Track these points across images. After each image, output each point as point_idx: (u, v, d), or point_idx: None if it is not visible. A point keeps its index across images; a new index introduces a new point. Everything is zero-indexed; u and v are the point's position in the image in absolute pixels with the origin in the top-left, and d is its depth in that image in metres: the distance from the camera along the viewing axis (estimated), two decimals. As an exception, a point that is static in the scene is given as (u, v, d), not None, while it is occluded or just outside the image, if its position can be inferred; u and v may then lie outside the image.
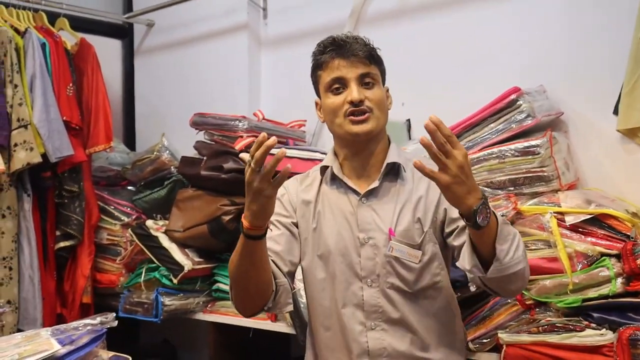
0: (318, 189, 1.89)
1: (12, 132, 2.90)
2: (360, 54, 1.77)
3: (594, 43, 2.40)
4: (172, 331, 3.65)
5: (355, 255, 1.79)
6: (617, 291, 1.94)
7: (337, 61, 1.78)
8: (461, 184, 1.46)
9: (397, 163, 1.83)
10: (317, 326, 1.88)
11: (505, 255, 1.54)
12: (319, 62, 1.83)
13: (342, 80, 1.77)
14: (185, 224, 2.92)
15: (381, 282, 1.78)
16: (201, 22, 3.58)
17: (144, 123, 3.97)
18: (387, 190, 1.82)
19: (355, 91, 1.75)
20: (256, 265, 1.65)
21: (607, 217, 2.02)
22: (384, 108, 1.81)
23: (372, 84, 1.79)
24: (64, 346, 1.70)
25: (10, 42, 2.96)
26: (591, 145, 2.40)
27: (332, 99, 1.80)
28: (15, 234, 2.96)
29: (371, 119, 1.77)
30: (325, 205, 1.86)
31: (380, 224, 1.78)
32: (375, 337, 1.78)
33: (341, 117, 1.77)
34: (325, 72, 1.81)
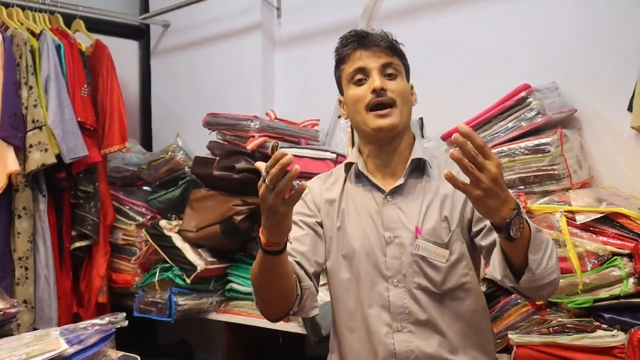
0: (342, 187, 1.84)
1: (27, 134, 2.93)
2: (382, 44, 1.74)
3: (607, 39, 2.36)
4: (189, 331, 3.67)
5: (381, 254, 1.74)
6: (629, 291, 1.91)
7: (359, 52, 1.75)
8: (494, 197, 1.38)
9: (423, 159, 1.78)
10: (342, 328, 1.82)
11: (538, 266, 1.47)
12: (342, 56, 1.80)
13: (364, 70, 1.74)
14: (198, 224, 2.93)
15: (408, 282, 1.72)
16: (215, 22, 3.59)
17: (160, 123, 3.99)
18: (413, 188, 1.76)
19: (378, 79, 1.71)
20: (277, 277, 1.62)
21: (619, 216, 1.98)
22: (407, 101, 1.77)
23: (395, 75, 1.75)
24: (72, 346, 1.71)
25: (25, 45, 2.99)
26: (605, 143, 2.37)
27: (354, 90, 1.76)
28: (31, 234, 2.99)
29: (394, 113, 1.72)
30: (349, 203, 1.81)
31: (406, 222, 1.73)
32: (402, 340, 1.71)
33: (364, 111, 1.73)
34: (347, 64, 1.77)
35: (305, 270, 1.75)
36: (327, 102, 3.14)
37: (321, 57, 3.26)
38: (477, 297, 1.78)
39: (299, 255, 1.75)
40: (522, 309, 2.11)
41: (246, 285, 2.90)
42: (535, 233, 1.47)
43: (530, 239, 1.45)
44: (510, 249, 1.48)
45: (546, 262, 1.48)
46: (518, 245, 1.45)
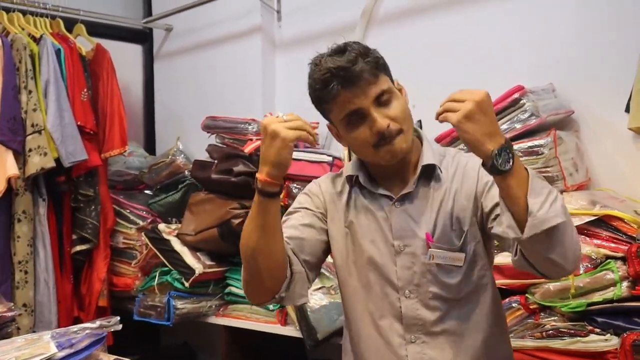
0: (349, 193, 1.74)
1: (27, 138, 2.94)
2: (366, 75, 1.54)
3: (605, 41, 2.34)
4: (191, 334, 3.67)
5: (391, 264, 1.64)
6: (622, 295, 1.88)
7: (345, 94, 1.55)
8: (478, 123, 1.32)
9: (433, 165, 1.65)
10: (354, 336, 1.75)
11: (540, 208, 1.34)
12: (323, 98, 1.60)
13: (359, 111, 1.56)
14: (196, 228, 2.93)
15: (421, 292, 1.62)
16: (216, 25, 3.60)
17: (163, 127, 4.00)
18: (423, 193, 1.65)
19: (379, 119, 1.54)
20: (269, 235, 1.52)
21: (612, 219, 1.96)
22: (409, 117, 1.62)
23: (389, 99, 1.58)
24: (62, 349, 1.70)
25: (25, 49, 3.00)
26: (603, 144, 2.34)
27: (355, 133, 1.59)
28: (31, 238, 3.00)
29: (401, 138, 1.57)
30: (357, 210, 1.70)
31: (417, 230, 1.62)
32: (416, 351, 1.63)
33: (369, 149, 1.59)
34: (336, 107, 1.58)
35: (297, 256, 1.66)
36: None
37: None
38: (496, 299, 1.69)
39: (292, 241, 1.66)
40: (515, 312, 2.08)
41: (245, 288, 2.89)
42: (533, 178, 1.38)
43: (529, 181, 1.36)
44: (507, 193, 1.37)
45: (549, 204, 1.35)
46: (514, 187, 1.36)
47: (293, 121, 1.46)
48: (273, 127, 1.44)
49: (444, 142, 2.32)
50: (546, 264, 1.42)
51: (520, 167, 1.37)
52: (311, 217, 1.73)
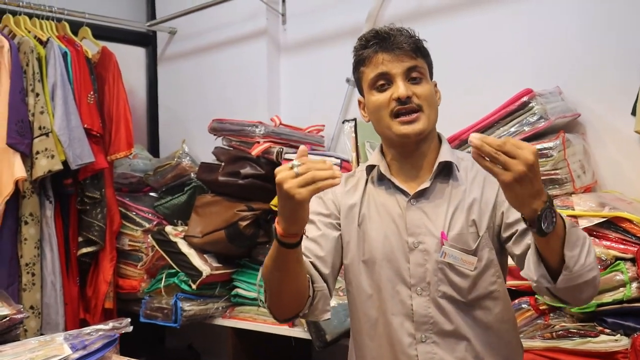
0: (364, 189, 1.74)
1: (34, 140, 2.95)
2: (406, 46, 1.62)
3: (611, 44, 2.37)
4: (197, 336, 3.68)
5: (404, 261, 1.64)
6: (632, 296, 1.91)
7: (381, 56, 1.63)
8: (527, 185, 1.29)
9: (450, 162, 1.67)
10: (362, 335, 1.73)
11: (576, 263, 1.38)
12: (361, 58, 1.68)
13: (387, 75, 1.63)
14: (203, 230, 2.94)
15: (432, 290, 1.62)
16: (221, 28, 3.61)
17: (167, 130, 4.01)
18: (439, 192, 1.66)
19: (402, 87, 1.60)
20: (290, 274, 1.55)
21: (622, 220, 1.98)
22: (434, 104, 1.67)
23: (420, 79, 1.64)
24: (76, 351, 1.71)
25: (32, 52, 3.01)
26: (609, 147, 2.37)
27: (376, 96, 1.65)
28: (38, 240, 3.01)
29: (421, 118, 1.62)
30: (371, 207, 1.71)
31: (432, 228, 1.63)
32: (426, 351, 1.62)
33: (387, 118, 1.63)
34: (369, 68, 1.66)
35: (320, 271, 1.67)
36: (333, 107, 3.16)
37: (326, 63, 3.31)
38: (506, 306, 1.68)
39: (314, 257, 1.68)
40: (525, 313, 2.10)
41: (252, 290, 2.91)
42: (570, 228, 1.39)
43: (566, 235, 1.37)
44: (545, 245, 1.39)
45: (584, 258, 1.39)
46: (552, 241, 1.37)
47: (306, 174, 1.35)
48: (286, 187, 1.36)
49: (452, 145, 2.33)
50: (567, 299, 1.48)
51: (559, 223, 1.36)
52: (326, 226, 1.73)
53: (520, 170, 1.27)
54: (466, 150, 2.30)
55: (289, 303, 1.63)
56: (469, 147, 2.28)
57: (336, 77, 3.15)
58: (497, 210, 1.63)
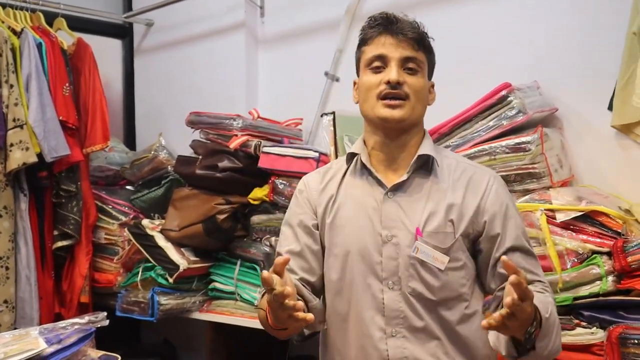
0: (341, 180, 1.75)
1: (8, 132, 2.90)
2: (409, 34, 1.64)
3: (588, 39, 2.37)
4: (172, 331, 3.65)
5: (377, 254, 1.64)
6: (608, 289, 1.92)
7: (384, 38, 1.64)
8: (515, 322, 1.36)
9: (430, 156, 1.68)
10: (333, 329, 1.74)
11: (544, 350, 1.47)
12: (365, 37, 1.69)
13: (384, 58, 1.64)
14: (180, 223, 2.92)
15: (403, 285, 1.62)
16: (199, 21, 3.58)
17: (143, 123, 3.97)
18: (418, 186, 1.66)
19: (395, 72, 1.61)
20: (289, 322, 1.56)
21: (598, 214, 2.00)
22: (422, 99, 1.68)
23: (416, 71, 1.65)
24: (51, 345, 1.70)
25: (5, 43, 2.96)
26: (586, 142, 2.38)
27: (368, 76, 1.66)
28: (12, 234, 2.97)
29: (405, 106, 1.63)
30: (347, 198, 1.71)
31: (407, 222, 1.63)
32: (396, 346, 1.62)
33: (374, 99, 1.64)
34: (369, 48, 1.67)
35: (310, 283, 1.70)
36: (311, 101, 3.14)
37: (305, 56, 3.30)
38: (475, 309, 1.67)
39: (301, 271, 1.71)
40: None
41: (229, 284, 2.89)
42: (545, 324, 1.45)
43: (540, 330, 1.44)
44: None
45: (552, 344, 1.49)
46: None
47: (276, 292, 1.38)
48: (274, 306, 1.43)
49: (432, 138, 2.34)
50: None
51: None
52: (307, 234, 1.75)
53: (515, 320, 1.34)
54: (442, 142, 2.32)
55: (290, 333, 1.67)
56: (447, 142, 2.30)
57: (315, 70, 3.14)
58: (480, 217, 1.65)
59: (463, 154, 2.22)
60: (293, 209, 1.79)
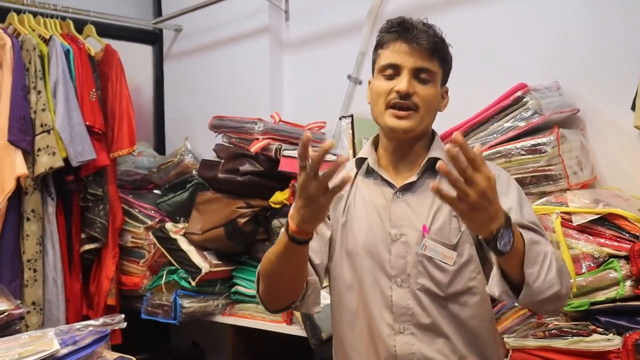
0: (353, 181, 1.76)
1: (36, 137, 2.96)
2: (424, 43, 1.63)
3: (611, 38, 2.32)
4: (201, 334, 3.68)
5: (386, 252, 1.67)
6: (625, 294, 1.87)
7: (399, 44, 1.64)
8: (482, 212, 1.32)
9: (439, 159, 1.66)
10: (343, 326, 1.76)
11: (536, 280, 1.42)
12: (382, 41, 1.70)
13: (397, 67, 1.65)
14: (203, 227, 2.94)
15: (411, 282, 1.64)
16: (224, 26, 3.61)
17: (173, 127, 4.02)
18: (426, 186, 1.67)
19: (405, 82, 1.62)
20: (294, 268, 1.60)
21: (616, 217, 1.94)
22: (432, 108, 1.69)
23: (428, 82, 1.66)
24: (66, 346, 1.72)
25: (34, 50, 3.03)
26: (609, 143, 2.32)
27: (380, 82, 1.68)
28: (40, 237, 3.02)
29: (413, 117, 1.64)
30: (357, 198, 1.74)
31: (414, 220, 1.65)
32: (404, 342, 1.64)
33: (382, 106, 1.66)
34: (384, 53, 1.68)
35: (312, 263, 1.70)
36: (335, 104, 3.14)
37: (328, 59, 3.29)
38: (484, 303, 1.69)
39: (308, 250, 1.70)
40: (519, 312, 2.07)
41: (251, 288, 2.89)
42: (530, 246, 1.42)
43: (525, 252, 1.41)
44: (505, 262, 1.43)
45: (544, 275, 1.43)
46: (512, 259, 1.41)
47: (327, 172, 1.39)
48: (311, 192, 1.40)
49: (445, 141, 2.30)
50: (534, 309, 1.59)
51: (518, 242, 1.40)
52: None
53: (474, 201, 1.30)
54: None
55: (286, 295, 1.67)
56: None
57: (339, 73, 3.14)
58: None
59: (479, 156, 2.19)
60: None
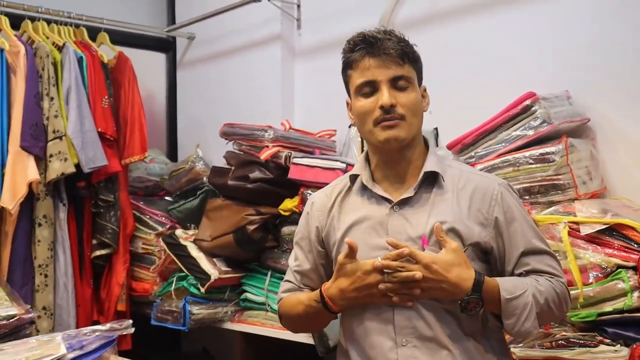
0: (346, 197, 1.76)
1: (48, 144, 2.99)
2: (393, 52, 1.62)
3: (622, 48, 2.32)
4: (212, 340, 3.68)
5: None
6: (633, 305, 1.85)
7: (368, 61, 1.63)
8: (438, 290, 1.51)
9: (436, 172, 1.68)
10: (346, 340, 1.76)
11: (512, 329, 1.55)
12: (349, 61, 1.69)
13: (373, 83, 1.64)
14: (212, 234, 2.95)
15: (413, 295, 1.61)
16: (237, 34, 3.63)
17: (185, 134, 4.04)
18: (423, 200, 1.66)
19: (386, 95, 1.61)
20: (320, 322, 1.74)
21: (624, 227, 1.93)
22: (418, 112, 1.68)
23: (406, 87, 1.64)
24: (73, 351, 1.73)
25: (47, 57, 3.06)
26: (620, 153, 2.31)
27: (362, 102, 1.66)
28: (51, 242, 3.05)
29: (402, 125, 1.63)
30: (353, 215, 1.72)
31: (412, 234, 1.63)
32: (407, 355, 1.61)
33: (370, 124, 1.64)
34: (356, 73, 1.67)
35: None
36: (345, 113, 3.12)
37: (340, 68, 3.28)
38: (487, 316, 1.66)
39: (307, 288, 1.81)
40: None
41: (260, 295, 2.90)
42: (506, 304, 1.53)
43: (501, 306, 1.53)
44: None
45: (520, 326, 1.54)
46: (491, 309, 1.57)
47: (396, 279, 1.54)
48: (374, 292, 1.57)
49: (454, 149, 2.31)
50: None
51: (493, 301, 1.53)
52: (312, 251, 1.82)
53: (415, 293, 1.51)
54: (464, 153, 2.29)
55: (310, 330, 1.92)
56: (471, 152, 2.26)
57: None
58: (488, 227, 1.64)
59: (488, 164, 2.19)
60: (300, 229, 1.85)
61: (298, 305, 1.72)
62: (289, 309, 1.78)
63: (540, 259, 1.63)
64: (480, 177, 1.72)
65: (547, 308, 1.58)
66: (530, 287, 1.56)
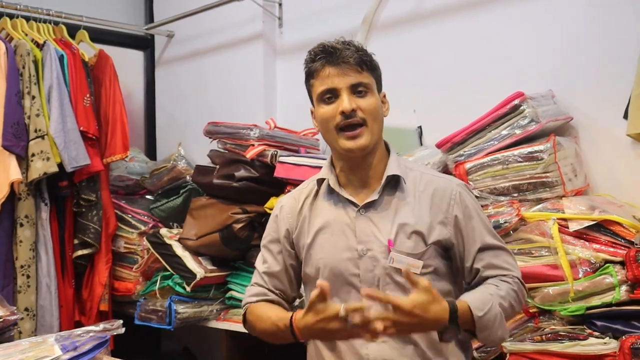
0: (314, 201, 1.84)
1: (30, 143, 2.96)
2: (352, 61, 1.70)
3: (603, 48, 2.37)
4: (193, 339, 3.68)
5: (354, 268, 1.73)
6: (621, 299, 1.91)
7: (328, 69, 1.70)
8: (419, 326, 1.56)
9: (398, 175, 1.76)
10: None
11: (487, 339, 1.64)
12: (310, 71, 1.76)
13: (334, 90, 1.71)
14: (198, 232, 2.94)
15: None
16: (218, 32, 3.62)
17: (164, 133, 4.02)
18: (387, 202, 1.75)
19: (347, 101, 1.68)
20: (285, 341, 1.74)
21: (611, 223, 1.99)
22: (378, 117, 1.75)
23: (365, 92, 1.72)
24: (67, 352, 1.72)
25: (28, 55, 3.03)
26: (602, 150, 2.36)
27: (324, 108, 1.73)
28: (33, 243, 3.02)
29: (365, 133, 1.70)
30: (321, 218, 1.80)
31: (379, 236, 1.72)
32: (377, 350, 1.70)
33: (333, 131, 1.72)
34: (317, 81, 1.74)
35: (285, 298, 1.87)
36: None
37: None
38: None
39: (276, 289, 1.86)
40: (515, 316, 2.10)
41: (245, 293, 2.91)
42: (479, 321, 1.58)
43: (476, 327, 1.59)
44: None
45: (494, 335, 1.62)
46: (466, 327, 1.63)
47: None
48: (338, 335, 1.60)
49: (444, 148, 2.35)
50: None
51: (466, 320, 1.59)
52: (284, 255, 1.87)
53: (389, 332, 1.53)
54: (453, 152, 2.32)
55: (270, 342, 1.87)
56: (460, 151, 2.30)
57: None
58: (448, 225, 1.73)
59: (477, 162, 2.23)
60: (269, 232, 1.91)
61: (267, 321, 1.76)
62: (255, 318, 1.82)
63: (495, 254, 1.73)
64: (439, 178, 1.82)
65: (511, 309, 1.68)
66: (494, 296, 1.64)
